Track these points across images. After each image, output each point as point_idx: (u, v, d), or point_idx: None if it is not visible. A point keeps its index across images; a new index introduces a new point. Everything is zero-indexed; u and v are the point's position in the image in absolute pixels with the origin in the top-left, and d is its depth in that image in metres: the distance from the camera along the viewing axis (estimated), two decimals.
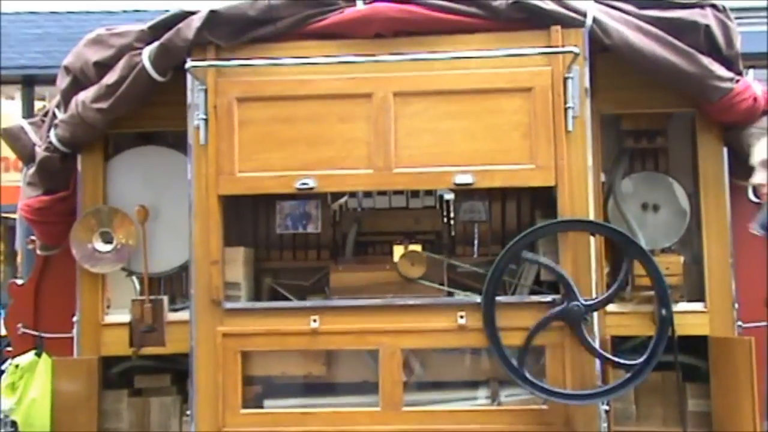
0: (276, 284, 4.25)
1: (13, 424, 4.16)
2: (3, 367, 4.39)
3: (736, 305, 4.05)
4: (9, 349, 4.57)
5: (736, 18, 4.00)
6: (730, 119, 3.99)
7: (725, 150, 4.11)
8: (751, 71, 4.07)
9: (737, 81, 3.92)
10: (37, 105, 10.52)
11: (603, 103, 4.01)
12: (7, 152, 5.26)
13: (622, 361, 3.78)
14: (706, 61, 3.88)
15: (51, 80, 4.48)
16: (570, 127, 3.79)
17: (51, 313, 4.45)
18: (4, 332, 4.70)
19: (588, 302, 3.71)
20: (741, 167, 4.16)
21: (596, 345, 3.73)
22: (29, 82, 11.10)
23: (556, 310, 3.71)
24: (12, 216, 6.32)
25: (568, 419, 3.73)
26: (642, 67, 3.91)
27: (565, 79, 3.79)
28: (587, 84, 3.82)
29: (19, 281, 4.67)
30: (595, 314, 3.78)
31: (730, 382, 3.91)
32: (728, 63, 3.94)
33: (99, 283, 4.25)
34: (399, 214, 4.37)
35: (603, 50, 3.91)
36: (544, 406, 3.76)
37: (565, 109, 3.79)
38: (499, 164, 3.80)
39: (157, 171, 4.30)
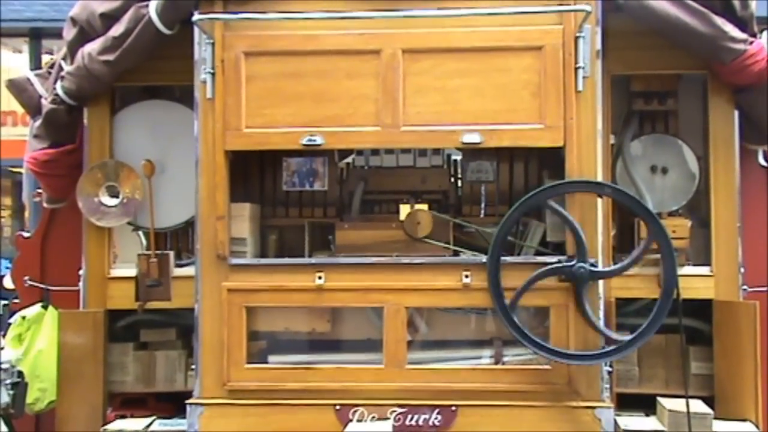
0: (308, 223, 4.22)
1: (20, 374, 4.20)
2: (11, 320, 4.43)
3: (742, 269, 4.05)
4: (16, 301, 4.61)
5: None
6: (743, 81, 3.95)
7: (736, 113, 4.08)
8: (765, 33, 4.00)
9: (751, 43, 3.88)
10: (45, 59, 10.48)
11: (613, 64, 3.97)
12: (15, 106, 5.24)
13: (614, 336, 3.75)
14: (720, 21, 3.84)
15: (58, 33, 4.46)
16: (580, 87, 3.75)
17: (57, 266, 4.48)
18: (12, 286, 4.73)
19: (595, 269, 3.68)
20: (752, 131, 4.13)
21: (593, 310, 3.71)
22: (36, 35, 11.02)
23: (561, 265, 3.69)
24: (19, 170, 6.31)
25: (571, 380, 3.75)
26: (654, 27, 3.87)
27: (577, 39, 3.74)
28: (599, 46, 3.77)
29: (26, 234, 4.70)
30: None
31: (733, 345, 3.93)
32: (742, 24, 3.90)
33: (105, 237, 4.27)
34: (406, 172, 4.35)
35: (615, 10, 3.86)
36: (547, 366, 3.78)
37: (576, 69, 3.74)
38: (507, 123, 3.77)
39: (164, 125, 4.29)
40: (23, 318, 4.35)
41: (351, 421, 3.78)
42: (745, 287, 4.06)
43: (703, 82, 4.15)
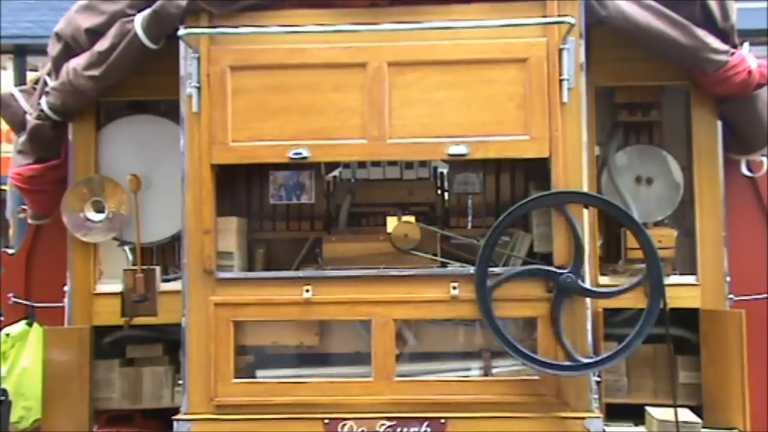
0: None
1: (4, 392, 4.15)
2: None
3: (728, 278, 4.07)
4: (1, 318, 4.56)
5: None
6: (725, 92, 3.99)
7: (719, 123, 4.11)
8: (746, 44, 4.05)
9: (732, 54, 3.92)
10: (30, 75, 10.43)
11: (598, 76, 4.01)
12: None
13: (576, 356, 3.74)
14: (701, 33, 3.88)
15: (43, 50, 4.44)
16: (565, 99, 3.77)
17: (42, 282, 4.45)
18: None
19: (584, 286, 3.72)
20: (735, 141, 4.17)
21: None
22: (21, 52, 10.98)
23: (549, 269, 3.71)
24: (3, 187, 6.27)
25: (560, 390, 3.75)
26: (637, 39, 3.91)
27: (561, 51, 3.77)
28: (583, 58, 3.80)
29: (10, 251, 4.66)
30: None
31: (720, 354, 3.95)
32: (723, 36, 3.94)
33: (91, 253, 4.24)
34: (393, 185, 4.35)
35: (598, 22, 3.89)
36: (536, 377, 3.78)
37: (560, 81, 3.77)
38: (493, 135, 3.79)
39: (150, 140, 4.27)
40: (7, 335, 4.31)
41: None
42: (731, 296, 4.08)
43: (686, 93, 4.19)
